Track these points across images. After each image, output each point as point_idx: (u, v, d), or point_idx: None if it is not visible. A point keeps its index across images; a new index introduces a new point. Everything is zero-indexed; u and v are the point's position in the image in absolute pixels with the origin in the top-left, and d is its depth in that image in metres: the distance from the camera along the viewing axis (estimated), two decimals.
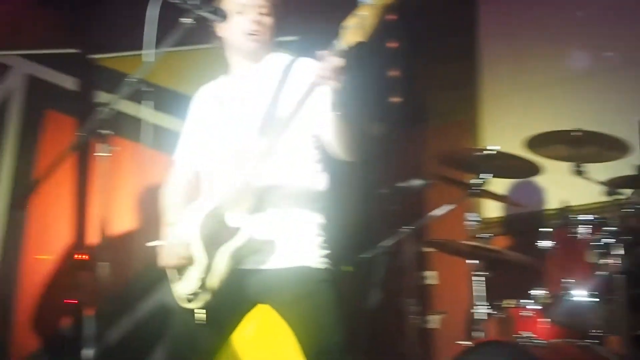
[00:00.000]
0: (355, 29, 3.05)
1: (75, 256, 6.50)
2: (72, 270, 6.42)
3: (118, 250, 3.42)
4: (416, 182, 5.46)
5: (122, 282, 5.62)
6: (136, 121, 5.77)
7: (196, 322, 3.51)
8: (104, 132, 3.41)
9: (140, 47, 6.23)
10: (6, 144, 6.73)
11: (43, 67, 6.83)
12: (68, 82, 6.76)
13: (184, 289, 3.57)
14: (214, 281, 3.44)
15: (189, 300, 3.54)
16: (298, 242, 3.55)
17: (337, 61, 3.11)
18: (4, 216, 6.60)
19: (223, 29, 3.80)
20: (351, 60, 3.14)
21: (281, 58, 3.81)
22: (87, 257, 6.54)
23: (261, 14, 3.73)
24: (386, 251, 5.35)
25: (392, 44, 6.55)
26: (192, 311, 3.54)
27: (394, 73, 6.62)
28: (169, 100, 5.98)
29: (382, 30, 3.08)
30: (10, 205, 6.59)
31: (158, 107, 3.53)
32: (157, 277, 6.04)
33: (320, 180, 3.70)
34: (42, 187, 5.83)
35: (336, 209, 3.71)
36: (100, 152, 3.40)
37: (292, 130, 3.43)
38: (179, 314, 3.64)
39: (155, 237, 3.75)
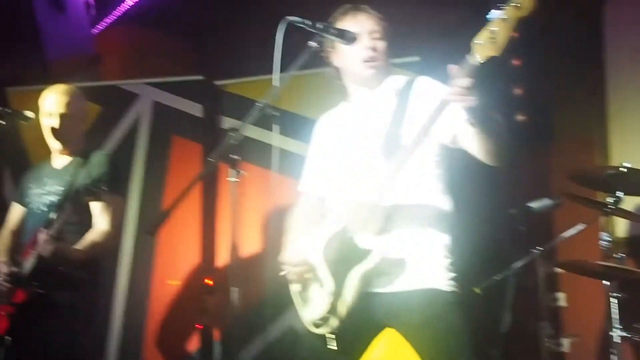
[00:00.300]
0: (487, 44, 3.00)
1: (204, 281, 6.58)
2: (200, 295, 6.50)
3: (247, 275, 3.41)
4: (546, 202, 5.32)
5: (251, 306, 5.64)
6: (263, 146, 5.84)
7: (328, 347, 3.49)
8: (233, 157, 3.42)
9: (263, 73, 6.34)
10: (135, 169, 6.86)
11: (169, 94, 6.95)
12: (194, 109, 6.85)
13: (312, 314, 3.56)
14: (344, 305, 3.41)
15: (317, 326, 3.53)
16: (426, 263, 3.48)
17: (468, 78, 3.06)
18: (133, 241, 6.74)
19: (338, 58, 3.81)
20: (478, 78, 3.09)
21: (399, 80, 3.78)
22: (212, 281, 6.62)
23: (374, 39, 3.72)
24: (516, 273, 5.24)
25: (516, 61, 6.44)
26: (320, 336, 3.52)
27: (518, 91, 6.51)
28: (296, 124, 6.00)
29: (505, 48, 3.02)
30: (139, 230, 6.72)
31: (284, 132, 3.50)
32: (285, 301, 6.08)
33: (445, 203, 3.62)
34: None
35: (464, 229, 3.64)
36: (230, 177, 3.41)
37: (418, 150, 3.38)
38: (307, 338, 3.62)
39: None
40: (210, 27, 7.40)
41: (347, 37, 3.65)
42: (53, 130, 4.98)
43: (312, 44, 3.58)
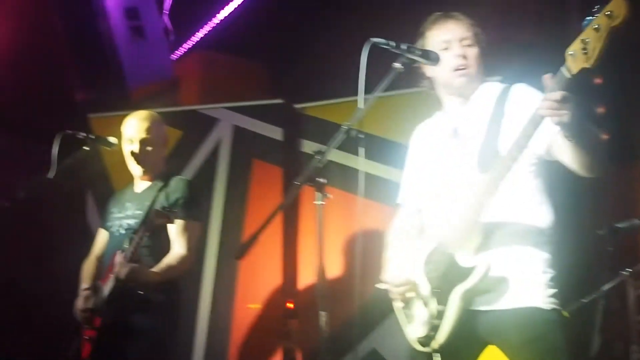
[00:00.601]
0: (579, 55, 2.93)
1: (286, 304, 6.57)
2: (282, 318, 6.49)
3: (333, 298, 3.38)
4: (635, 222, 5.19)
5: (337, 330, 5.60)
6: (345, 169, 5.81)
7: None
8: (319, 180, 3.40)
9: (343, 95, 6.33)
10: (215, 194, 6.89)
11: (249, 118, 6.97)
12: (274, 132, 6.86)
13: (416, 332, 3.56)
14: (447, 324, 3.39)
15: (422, 344, 3.52)
16: (526, 281, 3.41)
17: (561, 92, 3.00)
18: (215, 265, 6.76)
19: (430, 69, 3.76)
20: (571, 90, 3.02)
21: (494, 88, 3.71)
22: (294, 305, 6.60)
23: (465, 46, 3.68)
24: (605, 295, 5.13)
25: (598, 80, 6.33)
26: (426, 354, 3.50)
27: (601, 109, 6.39)
28: (380, 147, 6.00)
29: (599, 60, 2.94)
30: (220, 254, 6.74)
31: (369, 155, 3.48)
32: (370, 325, 6.05)
33: (544, 216, 3.52)
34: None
35: (558, 248, 3.56)
36: (317, 200, 3.39)
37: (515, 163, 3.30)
38: (413, 356, 3.62)
39: (369, 285, 3.70)
40: (289, 50, 7.42)
41: (432, 57, 3.62)
42: (134, 155, 5.03)
43: (397, 65, 3.55)
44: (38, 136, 5.36)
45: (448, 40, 3.68)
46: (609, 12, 2.85)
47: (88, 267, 5.24)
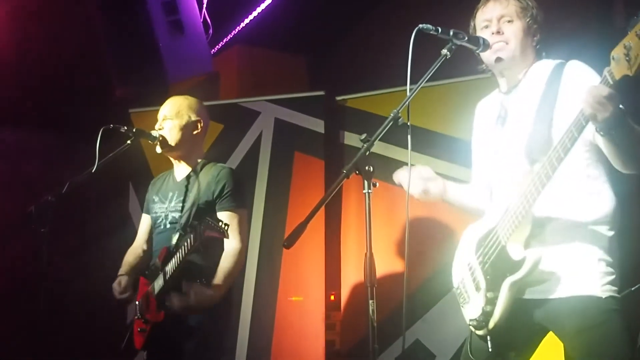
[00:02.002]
0: (621, 61, 2.84)
1: (329, 296, 6.56)
2: (325, 311, 6.48)
3: (380, 289, 3.35)
4: None
5: (381, 320, 5.57)
6: (387, 161, 5.78)
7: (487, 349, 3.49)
8: (367, 168, 3.36)
9: (385, 86, 6.29)
10: (258, 187, 6.91)
11: (290, 110, 6.98)
12: (315, 124, 6.85)
13: (470, 314, 3.58)
14: (498, 312, 3.39)
15: (475, 327, 3.53)
16: (581, 270, 3.37)
17: (607, 89, 2.93)
18: (257, 258, 6.75)
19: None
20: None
21: (545, 66, 3.62)
22: (335, 297, 6.60)
23: (504, 22, 3.63)
24: None
25: None
26: (481, 336, 3.52)
27: None
28: (424, 139, 5.97)
29: None
30: (263, 246, 6.75)
31: (413, 147, 3.44)
32: (416, 314, 6.02)
33: (600, 205, 3.44)
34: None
35: (618, 234, 3.49)
36: (365, 189, 3.36)
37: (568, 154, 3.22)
38: (471, 337, 3.64)
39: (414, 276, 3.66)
40: (329, 41, 7.41)
41: (479, 43, 3.58)
42: (160, 138, 5.01)
43: (444, 51, 3.51)
44: (81, 131, 5.37)
45: (489, 19, 3.65)
46: None
47: (129, 255, 5.22)
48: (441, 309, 5.89)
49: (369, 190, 3.37)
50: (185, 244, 4.54)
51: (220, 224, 4.34)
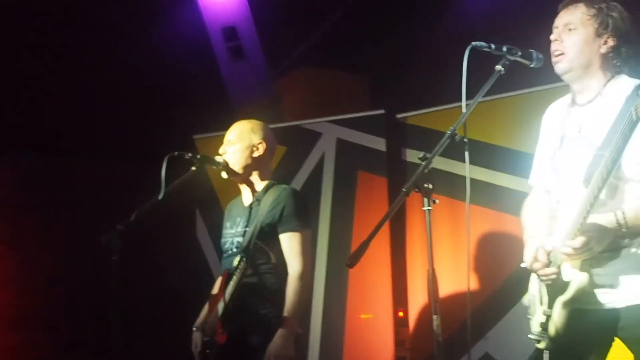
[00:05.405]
0: None
1: (398, 313, 6.58)
2: (394, 327, 6.50)
3: (444, 304, 3.38)
4: None
5: (449, 335, 5.56)
6: (448, 176, 5.80)
7: None
8: (426, 185, 3.39)
9: (443, 102, 6.31)
10: (322, 207, 6.97)
11: (352, 130, 7.03)
12: (377, 143, 6.89)
13: (533, 327, 3.58)
14: (552, 328, 3.40)
15: (535, 341, 3.54)
16: (636, 280, 3.34)
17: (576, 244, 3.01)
18: (325, 277, 6.81)
19: None
20: None
21: (626, 85, 3.44)
22: (403, 313, 6.61)
23: (567, 30, 3.52)
24: None
25: None
26: (540, 350, 3.52)
27: None
28: (483, 152, 6.01)
29: None
30: (330, 266, 6.79)
31: (473, 161, 3.45)
32: (482, 329, 6.00)
33: None
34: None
35: None
36: (425, 206, 3.39)
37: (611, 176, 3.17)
38: (535, 350, 3.61)
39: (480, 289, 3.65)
40: (388, 60, 7.44)
41: (532, 57, 3.58)
42: (224, 162, 5.03)
43: (498, 67, 3.53)
44: (146, 159, 5.47)
45: (556, 26, 3.56)
46: None
47: (206, 306, 5.13)
48: (510, 320, 5.87)
49: (429, 208, 3.39)
50: (240, 266, 4.61)
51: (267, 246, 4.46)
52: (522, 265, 3.60)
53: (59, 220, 7.26)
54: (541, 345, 3.50)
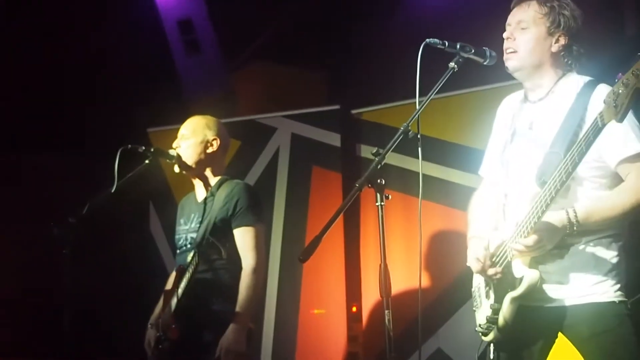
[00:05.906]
0: (610, 107, 2.83)
1: (351, 308, 6.59)
2: (347, 323, 6.52)
3: (395, 299, 3.39)
4: None
5: (401, 330, 5.58)
6: (400, 171, 5.84)
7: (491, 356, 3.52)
8: (378, 181, 3.39)
9: (398, 99, 6.34)
10: (276, 201, 6.97)
11: (307, 125, 7.04)
12: (332, 138, 6.90)
13: (478, 320, 3.62)
14: (501, 322, 3.41)
15: (482, 333, 3.56)
16: (594, 277, 3.37)
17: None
18: (278, 272, 6.82)
19: None
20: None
21: (575, 82, 3.48)
22: (357, 308, 6.62)
23: (519, 29, 3.53)
24: None
25: None
26: (488, 344, 3.55)
27: None
28: (435, 149, 6.04)
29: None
30: (283, 261, 6.79)
31: (424, 157, 3.47)
32: (434, 324, 6.04)
33: None
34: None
35: (629, 240, 3.50)
36: (378, 202, 3.39)
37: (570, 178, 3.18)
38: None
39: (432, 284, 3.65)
40: (343, 56, 7.44)
41: (485, 55, 3.60)
42: (177, 156, 5.03)
43: (452, 65, 3.54)
44: (99, 152, 5.43)
45: (509, 23, 3.58)
46: (636, 72, 2.74)
47: (160, 302, 5.12)
48: (462, 316, 5.91)
49: (382, 203, 3.38)
50: (193, 262, 4.60)
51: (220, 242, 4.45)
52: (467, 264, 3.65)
53: (12, 216, 7.16)
54: (488, 338, 3.53)
